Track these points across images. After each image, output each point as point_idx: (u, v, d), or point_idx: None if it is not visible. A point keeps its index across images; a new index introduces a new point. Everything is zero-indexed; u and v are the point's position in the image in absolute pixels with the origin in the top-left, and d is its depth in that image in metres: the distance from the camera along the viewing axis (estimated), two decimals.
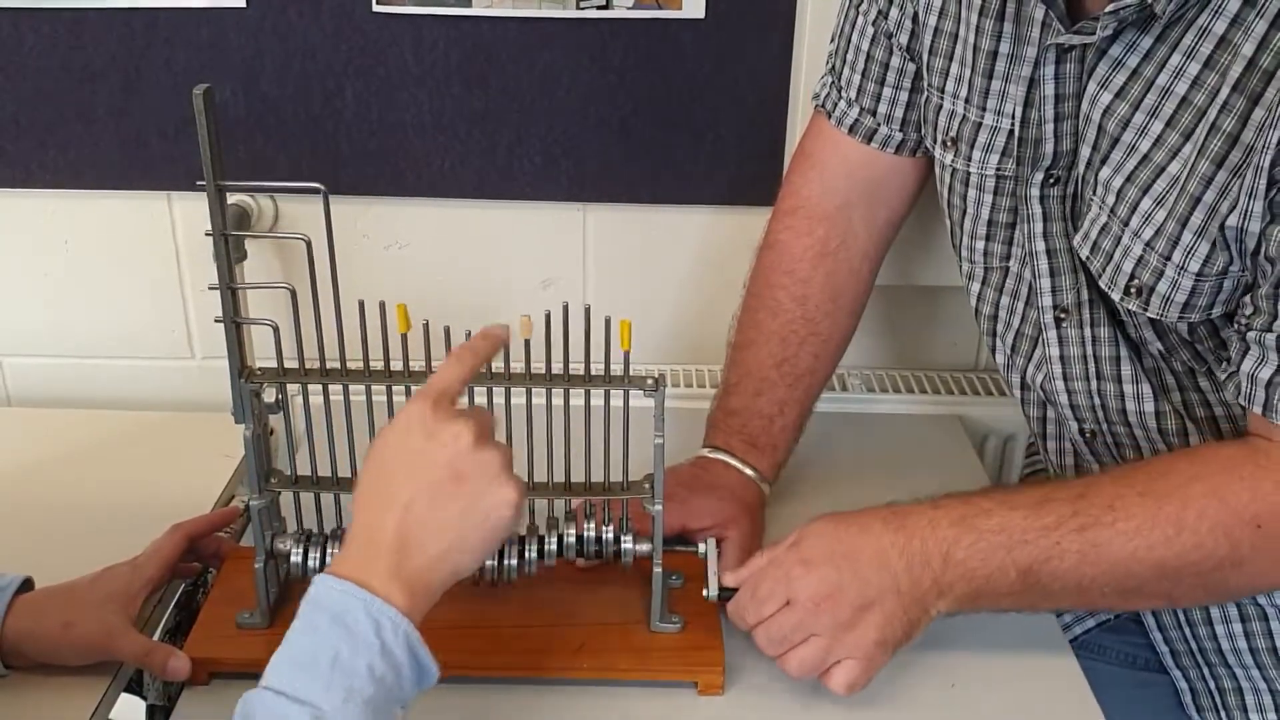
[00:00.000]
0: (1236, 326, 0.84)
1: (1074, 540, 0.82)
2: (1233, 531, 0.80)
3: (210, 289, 0.83)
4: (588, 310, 0.83)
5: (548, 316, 0.84)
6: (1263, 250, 0.80)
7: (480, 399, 0.86)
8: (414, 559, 0.72)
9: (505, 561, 0.91)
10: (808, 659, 0.84)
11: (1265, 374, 0.81)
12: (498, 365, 0.84)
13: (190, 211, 1.29)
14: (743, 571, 0.89)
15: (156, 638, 0.94)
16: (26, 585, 0.88)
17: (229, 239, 0.83)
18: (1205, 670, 1.03)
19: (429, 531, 0.73)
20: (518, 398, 0.86)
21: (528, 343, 0.84)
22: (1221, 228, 0.81)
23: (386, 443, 0.76)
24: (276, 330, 0.85)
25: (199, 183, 0.80)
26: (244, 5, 1.19)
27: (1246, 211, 0.79)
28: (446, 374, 0.77)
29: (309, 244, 0.82)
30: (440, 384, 0.76)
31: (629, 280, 1.34)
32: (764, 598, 0.86)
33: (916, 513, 0.86)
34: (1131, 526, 0.81)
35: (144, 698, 0.98)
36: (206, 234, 0.82)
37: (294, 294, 0.84)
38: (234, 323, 0.84)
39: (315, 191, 0.81)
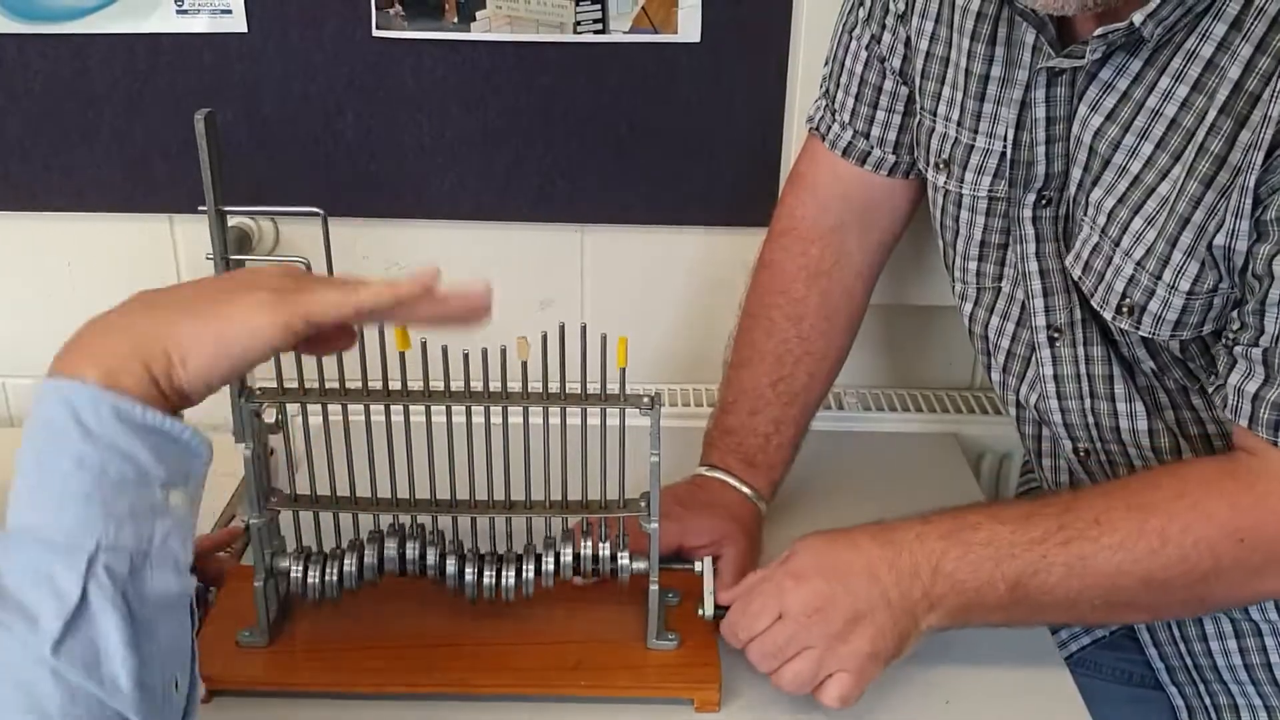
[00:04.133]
0: (1224, 341, 0.85)
1: (1060, 554, 0.83)
2: (1215, 545, 0.81)
3: None
4: (584, 329, 0.84)
5: (544, 336, 0.84)
6: (1250, 268, 0.81)
7: (478, 418, 0.87)
8: (108, 338, 0.62)
9: (504, 581, 0.91)
10: (802, 672, 0.85)
11: (1251, 387, 0.82)
12: (495, 384, 0.85)
13: (192, 233, 1.30)
14: (736, 589, 0.90)
15: None
16: None
17: (230, 263, 0.83)
18: (1201, 686, 1.03)
19: (147, 306, 0.62)
20: (515, 416, 0.87)
21: (524, 362, 0.84)
22: (1210, 247, 0.82)
23: None
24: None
25: (200, 208, 0.81)
26: (245, 30, 1.20)
27: (1234, 231, 0.80)
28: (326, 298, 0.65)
29: (308, 266, 0.83)
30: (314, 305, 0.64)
31: (626, 300, 1.35)
32: (756, 613, 0.87)
33: (904, 528, 0.87)
34: (1116, 540, 0.82)
35: None
36: (208, 257, 0.83)
37: None
38: None
39: (314, 215, 0.81)
